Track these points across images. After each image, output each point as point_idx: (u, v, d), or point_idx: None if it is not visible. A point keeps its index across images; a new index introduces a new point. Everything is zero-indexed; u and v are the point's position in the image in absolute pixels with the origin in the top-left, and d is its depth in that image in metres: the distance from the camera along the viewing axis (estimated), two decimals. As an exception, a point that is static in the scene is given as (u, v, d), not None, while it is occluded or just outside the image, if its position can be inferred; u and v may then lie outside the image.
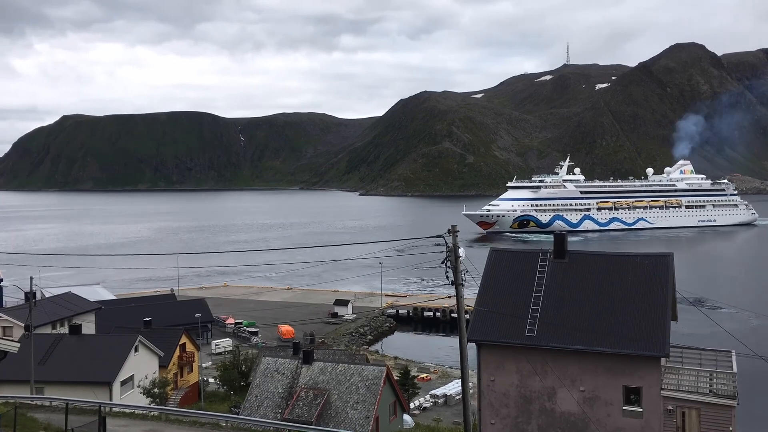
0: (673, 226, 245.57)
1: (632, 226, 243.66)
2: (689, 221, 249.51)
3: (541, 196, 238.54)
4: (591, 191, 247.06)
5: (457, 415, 58.11)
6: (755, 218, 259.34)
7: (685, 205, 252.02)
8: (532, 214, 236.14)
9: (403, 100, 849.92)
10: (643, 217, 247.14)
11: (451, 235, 27.47)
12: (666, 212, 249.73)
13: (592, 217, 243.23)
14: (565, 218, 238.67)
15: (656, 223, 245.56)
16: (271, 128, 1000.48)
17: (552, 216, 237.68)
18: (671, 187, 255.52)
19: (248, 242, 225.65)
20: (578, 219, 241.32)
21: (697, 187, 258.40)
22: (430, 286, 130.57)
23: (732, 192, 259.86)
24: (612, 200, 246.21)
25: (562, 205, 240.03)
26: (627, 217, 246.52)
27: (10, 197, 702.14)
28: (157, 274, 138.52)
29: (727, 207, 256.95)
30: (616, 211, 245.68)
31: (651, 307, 31.24)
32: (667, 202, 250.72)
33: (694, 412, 29.86)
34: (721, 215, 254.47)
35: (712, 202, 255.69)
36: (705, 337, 67.38)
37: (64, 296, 71.20)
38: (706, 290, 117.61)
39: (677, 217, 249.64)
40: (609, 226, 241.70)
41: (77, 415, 30.24)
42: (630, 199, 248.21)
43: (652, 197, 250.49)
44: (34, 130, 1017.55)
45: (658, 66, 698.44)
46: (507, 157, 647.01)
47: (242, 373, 64.13)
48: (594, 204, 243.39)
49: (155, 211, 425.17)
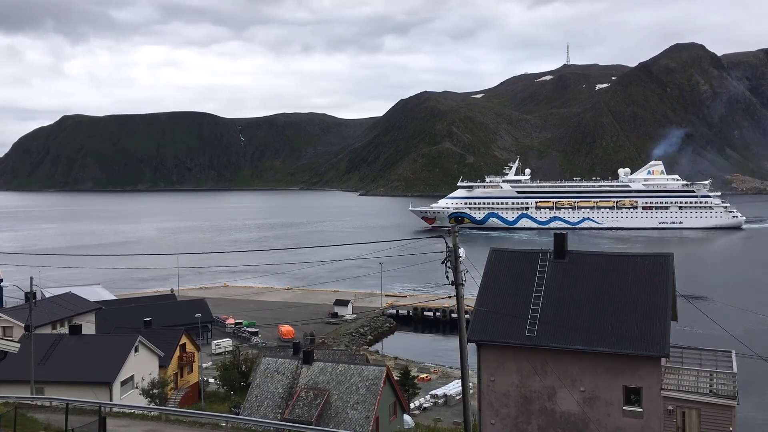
0: (626, 227, 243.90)
1: (576, 225, 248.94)
2: (647, 223, 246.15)
3: (475, 195, 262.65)
4: (529, 191, 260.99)
5: (457, 415, 58.12)
6: (737, 222, 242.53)
7: (642, 206, 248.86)
8: (466, 212, 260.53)
9: (403, 100, 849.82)
10: (589, 217, 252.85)
11: (451, 236, 27.47)
12: (617, 213, 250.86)
13: (529, 215, 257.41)
14: (500, 216, 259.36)
15: (604, 223, 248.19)
16: (271, 128, 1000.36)
17: (486, 213, 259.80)
18: (624, 187, 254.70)
19: (248, 242, 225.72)
20: (515, 217, 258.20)
21: (655, 187, 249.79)
22: (430, 286, 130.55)
23: (705, 194, 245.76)
24: (553, 200, 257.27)
25: (497, 204, 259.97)
26: (570, 217, 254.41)
27: (10, 197, 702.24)
28: (157, 274, 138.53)
29: (698, 209, 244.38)
30: (558, 210, 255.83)
31: (651, 307, 31.24)
32: (618, 203, 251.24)
33: (695, 412, 29.85)
34: (689, 217, 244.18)
35: (677, 203, 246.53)
36: (705, 337, 67.39)
37: (64, 296, 71.24)
38: (707, 290, 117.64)
39: (631, 218, 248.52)
40: (549, 225, 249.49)
41: (77, 415, 30.24)
42: (573, 199, 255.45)
43: (601, 197, 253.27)
44: (34, 131, 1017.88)
45: (658, 66, 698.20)
46: (507, 157, 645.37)
47: (242, 373, 64.13)
48: (533, 203, 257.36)
49: (155, 211, 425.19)
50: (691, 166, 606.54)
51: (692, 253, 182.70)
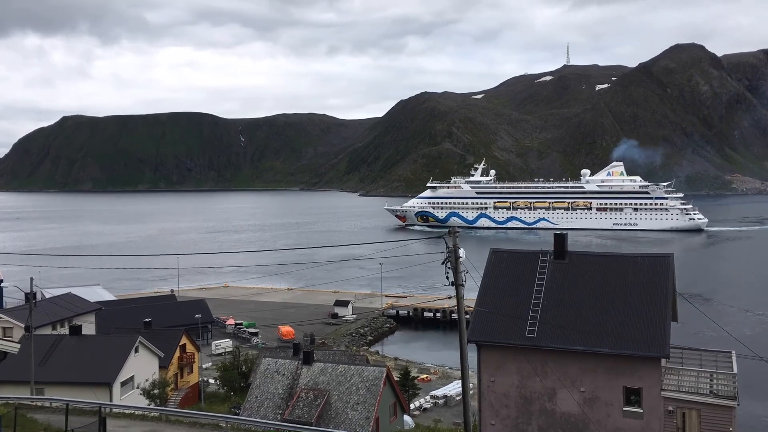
0: (580, 228, 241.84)
1: (532, 225, 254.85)
2: (602, 224, 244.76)
3: (438, 195, 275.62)
4: (487, 192, 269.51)
5: (457, 415, 58.11)
6: (695, 224, 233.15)
7: (597, 208, 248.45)
8: (430, 211, 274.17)
9: (404, 100, 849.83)
10: (544, 217, 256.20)
11: (451, 236, 27.46)
12: (572, 213, 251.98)
13: (488, 215, 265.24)
14: (460, 215, 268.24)
15: (560, 224, 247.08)
16: (271, 129, 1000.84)
17: (448, 213, 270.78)
18: (579, 188, 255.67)
19: (248, 243, 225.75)
20: (474, 216, 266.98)
21: (610, 188, 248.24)
22: (430, 286, 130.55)
23: (660, 195, 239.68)
24: (510, 200, 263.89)
25: (458, 204, 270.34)
26: (527, 217, 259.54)
27: (10, 198, 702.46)
28: (157, 275, 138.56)
29: (653, 211, 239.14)
30: (515, 210, 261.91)
31: (651, 307, 31.24)
32: (573, 204, 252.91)
33: (695, 412, 29.85)
34: (644, 219, 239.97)
35: (632, 205, 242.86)
36: (705, 338, 67.44)
37: (64, 297, 71.19)
38: (707, 291, 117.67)
39: (586, 219, 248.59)
40: (507, 225, 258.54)
41: (77, 416, 30.21)
42: (529, 199, 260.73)
43: (556, 198, 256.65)
44: (34, 131, 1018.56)
45: (658, 66, 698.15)
46: (507, 157, 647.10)
47: (242, 373, 64.13)
48: (491, 203, 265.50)
49: (155, 212, 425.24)
50: (690, 166, 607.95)
51: (693, 253, 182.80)
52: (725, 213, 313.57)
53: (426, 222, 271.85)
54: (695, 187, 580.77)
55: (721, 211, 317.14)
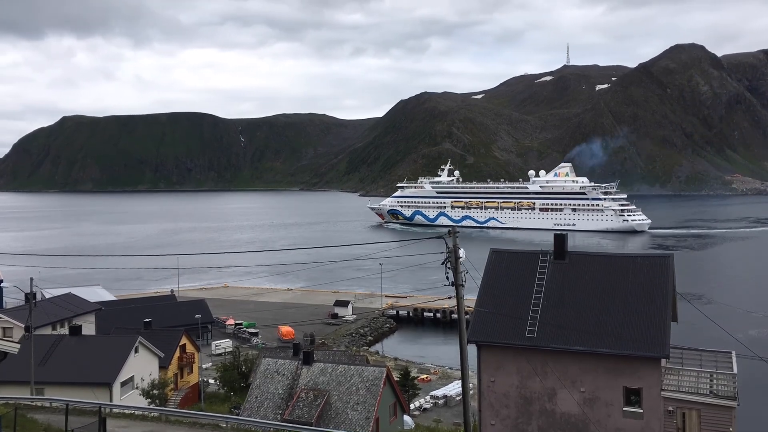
0: (525, 228, 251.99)
1: (483, 224, 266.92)
2: (543, 224, 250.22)
3: (406, 195, 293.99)
4: (446, 191, 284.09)
5: (457, 416, 58.11)
6: (629, 226, 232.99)
7: (539, 208, 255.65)
8: (398, 209, 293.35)
9: (404, 100, 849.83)
10: (494, 217, 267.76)
11: (451, 236, 27.48)
12: (518, 213, 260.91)
13: (446, 213, 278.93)
14: (424, 213, 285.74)
15: (507, 223, 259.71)
16: (272, 129, 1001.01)
17: (414, 211, 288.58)
18: (523, 189, 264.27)
19: (248, 243, 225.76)
20: (434, 215, 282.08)
21: (551, 189, 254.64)
22: (431, 287, 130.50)
23: (596, 196, 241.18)
24: (464, 200, 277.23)
25: (421, 203, 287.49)
26: (479, 216, 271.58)
27: (10, 198, 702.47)
28: (157, 275, 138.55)
29: (590, 212, 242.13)
30: (468, 210, 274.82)
31: (651, 307, 31.22)
32: (518, 204, 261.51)
33: (695, 413, 29.84)
34: (581, 220, 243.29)
35: (571, 206, 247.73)
36: (705, 338, 67.37)
37: (64, 297, 71.16)
38: (707, 291, 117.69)
39: (529, 219, 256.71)
40: (462, 223, 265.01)
41: (77, 416, 30.23)
42: (481, 199, 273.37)
43: (503, 198, 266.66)
44: (35, 131, 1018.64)
45: (658, 67, 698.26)
46: (507, 158, 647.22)
47: (242, 374, 64.10)
48: (449, 203, 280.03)
49: (155, 212, 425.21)
50: (690, 166, 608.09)
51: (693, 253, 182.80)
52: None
53: (397, 219, 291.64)
54: (695, 187, 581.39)
55: (709, 212, 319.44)
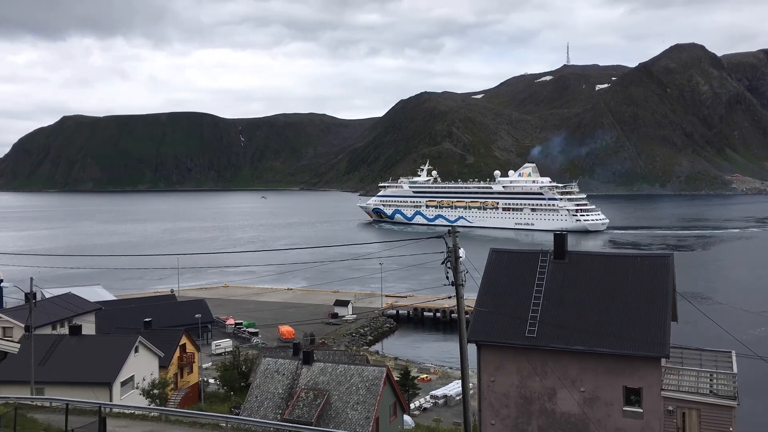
0: (490, 227, 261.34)
1: (454, 223, 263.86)
2: (506, 223, 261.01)
3: (388, 194, 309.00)
4: (422, 191, 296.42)
5: (457, 415, 58.12)
6: (581, 226, 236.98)
7: (502, 207, 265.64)
8: (381, 208, 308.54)
9: (404, 100, 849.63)
10: (463, 216, 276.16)
11: (451, 236, 27.47)
12: (484, 213, 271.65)
13: (422, 212, 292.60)
14: (402, 212, 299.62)
15: (474, 222, 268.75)
16: (271, 129, 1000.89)
17: (394, 210, 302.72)
18: (488, 189, 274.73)
19: (248, 243, 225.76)
20: (412, 214, 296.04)
21: (512, 190, 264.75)
22: (430, 286, 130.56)
23: (552, 197, 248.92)
24: (437, 199, 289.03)
25: (400, 202, 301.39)
26: (450, 215, 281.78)
27: (10, 198, 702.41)
28: (157, 275, 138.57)
29: (546, 211, 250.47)
30: (441, 209, 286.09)
31: (651, 307, 31.22)
32: (484, 203, 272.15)
33: (695, 412, 29.85)
34: (539, 219, 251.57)
35: (530, 205, 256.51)
36: (705, 338, 67.37)
37: (64, 297, 71.15)
38: (707, 290, 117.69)
39: (494, 218, 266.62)
40: (435, 222, 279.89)
41: (77, 415, 30.22)
42: (451, 199, 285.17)
43: (471, 198, 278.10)
44: (34, 131, 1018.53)
45: (658, 66, 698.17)
46: (507, 157, 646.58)
47: (242, 373, 64.12)
48: (424, 202, 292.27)
49: (155, 212, 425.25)
50: (690, 166, 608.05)
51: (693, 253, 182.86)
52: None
53: (380, 218, 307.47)
54: (695, 187, 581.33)
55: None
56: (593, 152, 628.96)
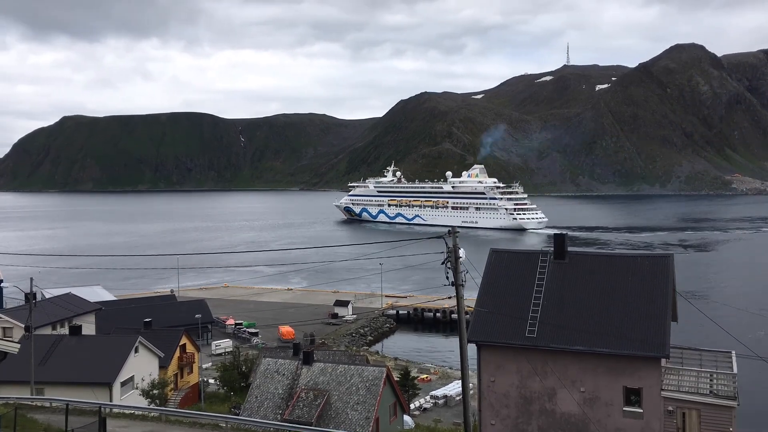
0: (441, 225, 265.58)
1: (411, 221, 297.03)
2: (454, 221, 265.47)
3: (356, 193, 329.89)
4: (385, 191, 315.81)
5: (457, 416, 58.12)
6: (517, 224, 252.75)
7: (452, 206, 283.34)
8: (350, 206, 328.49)
9: (404, 100, 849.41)
10: (418, 215, 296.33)
11: (451, 236, 27.48)
12: (436, 211, 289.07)
13: (385, 211, 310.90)
14: (368, 210, 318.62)
15: (428, 221, 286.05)
16: (272, 129, 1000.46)
17: (361, 208, 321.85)
18: (439, 189, 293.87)
19: (248, 243, 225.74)
20: (376, 212, 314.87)
21: (459, 190, 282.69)
22: (431, 286, 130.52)
23: (492, 196, 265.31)
24: (398, 198, 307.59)
25: (367, 201, 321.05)
26: (408, 213, 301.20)
27: (10, 198, 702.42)
28: (157, 275, 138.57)
29: (488, 210, 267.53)
30: (400, 207, 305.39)
31: (651, 307, 31.23)
32: (436, 203, 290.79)
33: (695, 412, 29.85)
34: (482, 218, 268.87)
35: (474, 205, 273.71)
36: (705, 338, 67.36)
37: (64, 297, 71.15)
38: (707, 291, 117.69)
39: (445, 217, 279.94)
40: (395, 220, 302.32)
41: (77, 416, 30.22)
42: (408, 198, 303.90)
43: (426, 197, 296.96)
44: (35, 131, 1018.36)
45: (658, 67, 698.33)
46: (507, 157, 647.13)
47: (242, 373, 64.11)
48: (386, 201, 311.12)
49: (155, 212, 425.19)
50: (690, 166, 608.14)
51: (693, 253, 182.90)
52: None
53: (351, 216, 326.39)
54: (695, 187, 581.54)
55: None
56: (593, 152, 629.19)
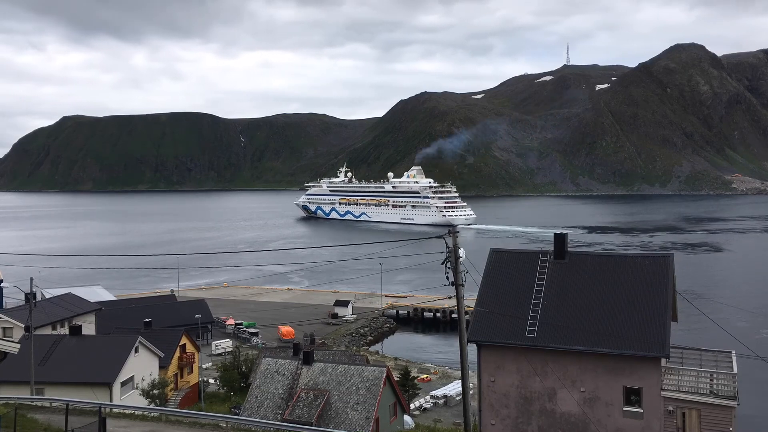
0: (384, 221, 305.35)
1: (358, 218, 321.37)
2: (394, 218, 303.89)
3: (311, 192, 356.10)
4: (336, 190, 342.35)
5: (457, 415, 58.12)
6: (446, 220, 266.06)
7: (392, 204, 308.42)
8: (307, 204, 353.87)
9: (404, 100, 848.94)
10: (364, 212, 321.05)
11: (451, 236, 27.48)
12: (379, 209, 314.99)
13: (336, 209, 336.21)
14: (322, 208, 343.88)
15: (373, 217, 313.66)
16: (271, 129, 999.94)
17: (316, 206, 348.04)
18: (381, 189, 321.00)
19: (248, 243, 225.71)
20: (329, 210, 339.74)
21: (398, 189, 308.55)
22: (430, 286, 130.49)
23: (427, 195, 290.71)
24: (347, 197, 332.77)
25: (320, 200, 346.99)
26: (355, 211, 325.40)
27: (10, 198, 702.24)
28: (157, 275, 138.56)
29: (421, 208, 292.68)
30: (349, 206, 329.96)
31: (651, 307, 31.22)
32: (379, 201, 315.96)
33: (695, 412, 29.84)
34: (417, 215, 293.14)
35: (410, 203, 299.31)
36: (705, 338, 67.38)
37: (64, 297, 71.19)
38: (707, 291, 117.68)
39: (386, 214, 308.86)
40: (345, 217, 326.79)
41: (77, 416, 30.20)
42: (355, 197, 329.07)
43: (371, 196, 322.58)
44: (35, 131, 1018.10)
45: (658, 67, 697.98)
46: (507, 157, 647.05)
47: (242, 373, 64.16)
48: (337, 200, 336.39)
49: (155, 212, 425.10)
50: (690, 166, 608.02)
51: (694, 253, 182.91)
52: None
53: (308, 213, 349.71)
54: (695, 187, 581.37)
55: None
56: (593, 152, 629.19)
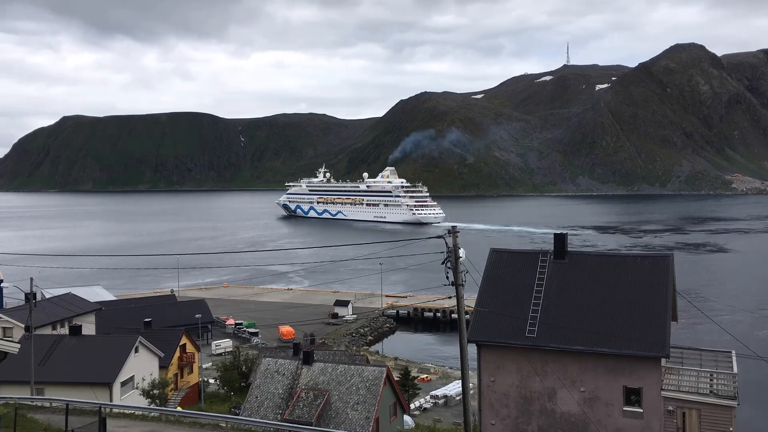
0: (358, 219, 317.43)
1: (335, 216, 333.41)
2: (368, 216, 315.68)
3: (292, 192, 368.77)
4: (314, 189, 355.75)
5: (457, 415, 58.12)
6: (416, 218, 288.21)
7: (366, 203, 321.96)
8: (287, 203, 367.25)
9: (404, 100, 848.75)
10: (341, 210, 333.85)
11: (451, 236, 27.46)
12: (354, 208, 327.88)
13: (314, 208, 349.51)
14: (301, 207, 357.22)
15: (349, 216, 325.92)
16: (272, 129, 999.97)
17: (296, 205, 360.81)
18: (356, 188, 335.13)
19: (248, 243, 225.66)
20: (308, 208, 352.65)
21: (372, 189, 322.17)
22: (430, 286, 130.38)
23: (399, 194, 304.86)
24: (324, 197, 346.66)
25: (300, 199, 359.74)
26: (332, 210, 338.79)
27: (10, 198, 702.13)
28: (157, 275, 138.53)
29: (393, 207, 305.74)
30: (327, 204, 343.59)
31: (651, 307, 31.22)
32: (354, 200, 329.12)
33: (695, 412, 29.84)
34: (390, 213, 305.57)
35: (383, 202, 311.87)
36: (705, 338, 67.42)
37: (64, 297, 71.19)
38: (707, 290, 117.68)
39: (361, 212, 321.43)
40: (323, 215, 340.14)
41: (77, 416, 30.21)
42: (332, 196, 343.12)
43: (346, 196, 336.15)
44: (34, 131, 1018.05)
45: (658, 66, 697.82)
46: (507, 157, 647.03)
47: (242, 373, 64.15)
48: (315, 199, 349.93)
49: (155, 212, 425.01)
50: (690, 166, 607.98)
51: (694, 253, 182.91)
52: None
53: (288, 212, 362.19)
54: (695, 187, 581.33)
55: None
56: (593, 152, 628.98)
